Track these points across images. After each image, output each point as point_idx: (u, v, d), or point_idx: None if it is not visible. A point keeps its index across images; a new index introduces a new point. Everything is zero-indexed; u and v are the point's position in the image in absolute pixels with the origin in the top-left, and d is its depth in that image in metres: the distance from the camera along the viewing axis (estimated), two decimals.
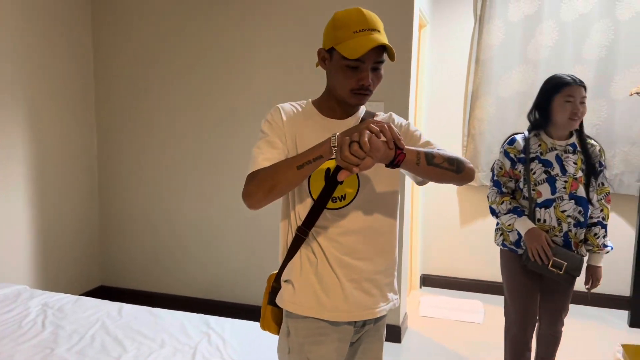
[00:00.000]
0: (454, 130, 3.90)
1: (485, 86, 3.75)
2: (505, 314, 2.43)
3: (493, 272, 3.93)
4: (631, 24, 3.46)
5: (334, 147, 1.19)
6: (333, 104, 1.43)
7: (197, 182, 3.37)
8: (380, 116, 1.51)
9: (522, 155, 2.25)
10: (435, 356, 2.97)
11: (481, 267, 3.98)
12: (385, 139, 1.17)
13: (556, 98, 2.19)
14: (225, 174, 3.31)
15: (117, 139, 3.50)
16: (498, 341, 3.15)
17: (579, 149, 2.25)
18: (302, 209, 1.39)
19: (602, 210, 2.27)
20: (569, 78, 2.21)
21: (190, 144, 3.36)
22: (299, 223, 1.40)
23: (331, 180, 1.37)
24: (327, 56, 1.38)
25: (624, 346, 2.46)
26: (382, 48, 1.32)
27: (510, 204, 2.26)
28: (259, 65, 3.18)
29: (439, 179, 1.34)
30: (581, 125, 2.27)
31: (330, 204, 1.38)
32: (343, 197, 1.38)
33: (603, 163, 2.26)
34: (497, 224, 2.39)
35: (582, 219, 2.23)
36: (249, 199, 1.27)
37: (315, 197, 1.38)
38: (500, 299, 3.86)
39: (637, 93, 3.09)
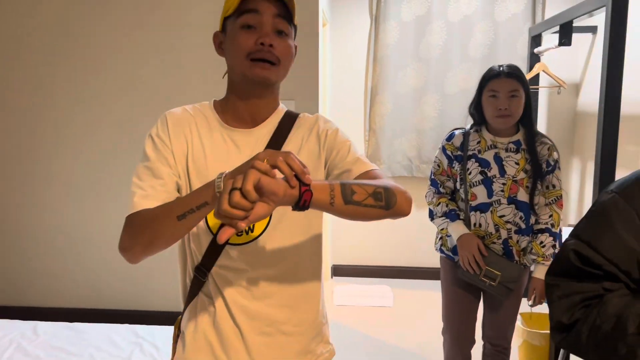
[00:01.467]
0: (356, 126, 4.09)
1: (383, 83, 3.96)
2: (443, 329, 2.22)
3: (399, 257, 4.19)
4: (507, 25, 3.84)
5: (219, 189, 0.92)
6: (238, 104, 1.14)
7: (105, 185, 3.23)
8: (303, 118, 1.21)
9: (460, 153, 2.03)
10: (353, 342, 3.13)
11: (388, 254, 4.22)
12: (284, 174, 0.86)
13: (483, 93, 1.98)
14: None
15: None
16: (408, 322, 3.39)
17: (524, 147, 1.99)
18: (199, 245, 1.12)
19: (551, 216, 2.02)
20: (495, 69, 1.97)
21: (88, 149, 3.21)
22: (197, 261, 1.13)
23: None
24: (222, 36, 1.14)
25: (522, 314, 2.75)
26: (283, 7, 1.08)
27: (447, 206, 2.06)
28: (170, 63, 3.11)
29: (363, 218, 0.99)
30: (530, 119, 2.03)
31: (233, 238, 1.10)
32: (251, 229, 1.11)
33: (553, 163, 2.01)
34: None
35: (524, 225, 2.00)
36: (124, 253, 1.02)
37: (214, 230, 1.10)
38: (408, 282, 4.15)
39: None
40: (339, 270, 4.28)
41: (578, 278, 0.99)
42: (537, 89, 3.51)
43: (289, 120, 1.19)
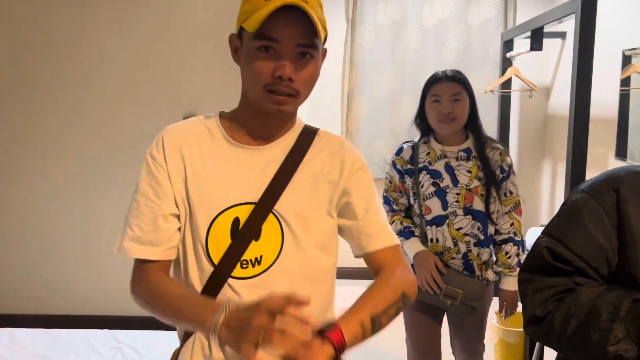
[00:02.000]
0: (334, 129, 4.12)
1: (360, 86, 4.01)
2: (408, 353, 2.13)
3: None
4: (480, 30, 3.92)
5: (214, 336, 0.82)
6: (248, 119, 1.04)
7: (83, 191, 3.19)
8: (324, 136, 1.10)
9: (410, 166, 1.96)
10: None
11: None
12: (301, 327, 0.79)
13: (427, 99, 1.93)
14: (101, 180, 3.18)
15: None
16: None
17: (474, 154, 1.91)
18: (197, 277, 1.01)
19: (512, 224, 1.94)
20: (437, 73, 1.94)
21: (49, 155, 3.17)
22: None
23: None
24: (239, 43, 1.02)
25: (497, 312, 2.81)
26: (309, 26, 0.95)
27: (401, 223, 1.97)
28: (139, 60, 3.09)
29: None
30: (477, 125, 1.96)
31: (237, 271, 0.99)
32: (258, 261, 0.99)
33: (507, 168, 1.94)
34: None
35: (482, 237, 1.91)
36: (136, 300, 1.02)
37: (215, 260, 0.99)
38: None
39: (491, 91, 3.52)
40: (340, 273, 4.30)
41: (550, 274, 1.04)
42: (510, 92, 3.60)
43: (307, 137, 1.08)
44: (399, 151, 2.02)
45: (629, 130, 2.70)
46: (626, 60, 2.71)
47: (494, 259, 1.97)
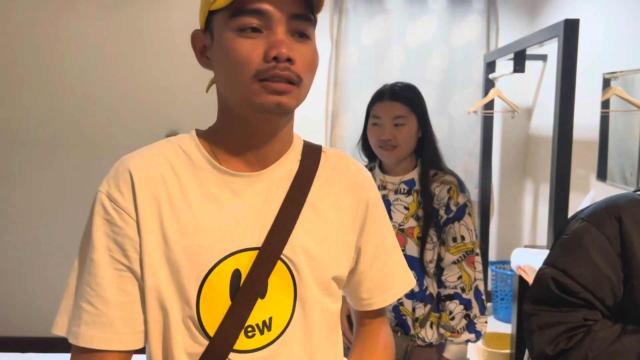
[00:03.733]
0: None
1: (344, 106, 4.01)
2: None
3: None
4: (463, 51, 3.97)
5: None
6: (235, 136, 0.81)
7: (50, 209, 3.12)
8: (331, 156, 0.91)
9: None
10: None
11: None
12: None
13: (369, 120, 1.64)
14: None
15: None
16: None
17: (417, 187, 1.60)
18: (184, 357, 0.77)
19: (460, 277, 1.57)
20: (381, 90, 1.63)
21: None
22: None
23: (239, 305, 0.76)
24: (207, 39, 0.80)
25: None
26: None
27: None
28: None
29: None
30: (428, 152, 1.64)
31: (242, 342, 0.77)
32: (267, 325, 0.78)
33: (454, 208, 1.58)
34: None
35: (416, 289, 1.57)
36: None
37: (211, 331, 0.76)
38: None
39: (474, 112, 3.55)
40: None
41: (556, 306, 1.02)
42: (492, 113, 3.64)
43: (312, 156, 0.88)
44: None
45: (609, 152, 2.74)
46: (606, 84, 2.75)
47: (439, 317, 1.61)
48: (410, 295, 1.59)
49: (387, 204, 1.60)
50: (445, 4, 3.90)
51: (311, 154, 0.87)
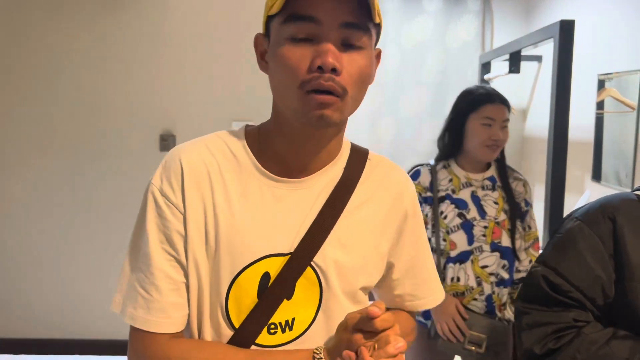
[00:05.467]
0: None
1: None
2: None
3: None
4: (458, 52, 3.97)
5: None
6: (283, 142, 0.83)
7: (48, 208, 3.09)
8: (378, 164, 0.92)
9: (429, 194, 1.72)
10: None
11: None
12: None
13: (472, 118, 1.75)
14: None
15: None
16: None
17: (499, 184, 1.76)
18: (214, 335, 0.84)
19: (530, 261, 1.76)
20: (490, 93, 1.76)
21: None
22: None
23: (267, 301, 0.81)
24: (266, 43, 0.81)
25: None
26: (357, 2, 0.74)
27: None
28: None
29: None
30: (502, 153, 1.83)
31: (264, 337, 0.82)
32: (289, 325, 0.83)
33: (530, 201, 1.81)
34: None
35: (506, 276, 1.73)
36: None
37: (236, 323, 0.82)
38: None
39: None
40: None
41: (547, 304, 1.02)
42: None
43: (357, 165, 0.89)
44: (416, 175, 1.78)
45: (604, 153, 2.74)
46: (601, 85, 2.76)
47: (509, 298, 1.77)
48: (500, 282, 1.71)
49: (477, 200, 1.72)
50: (440, 5, 3.90)
51: (356, 162, 0.89)
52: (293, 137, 0.82)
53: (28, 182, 3.00)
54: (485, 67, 3.58)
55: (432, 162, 1.81)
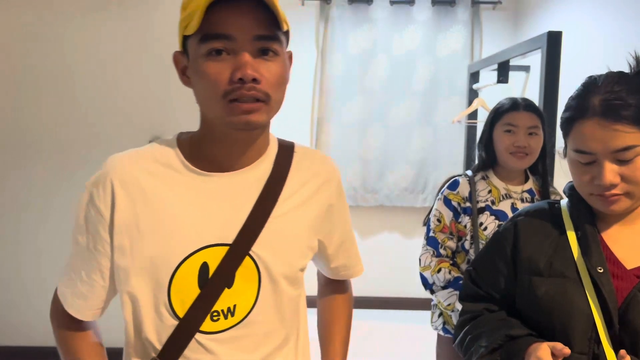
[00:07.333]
0: None
1: (329, 114, 4.02)
2: None
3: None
4: (448, 61, 4.00)
5: None
6: (212, 145, 0.89)
7: (25, 215, 3.07)
8: (304, 154, 0.99)
9: (468, 204, 1.70)
10: None
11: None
12: None
13: (496, 127, 1.75)
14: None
15: None
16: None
17: (537, 197, 1.73)
18: (154, 334, 0.88)
19: None
20: (512, 101, 1.75)
21: None
22: (154, 353, 0.88)
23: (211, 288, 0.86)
24: (185, 60, 0.86)
25: None
26: (266, 14, 0.80)
27: (450, 273, 1.68)
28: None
29: None
30: (545, 166, 1.77)
31: (207, 324, 0.87)
32: (231, 311, 0.88)
33: None
34: (433, 299, 1.76)
35: None
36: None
37: (180, 313, 0.86)
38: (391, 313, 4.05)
39: (458, 121, 3.58)
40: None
41: (475, 299, 1.16)
42: (476, 123, 3.66)
43: (285, 155, 0.95)
44: (454, 185, 1.77)
45: None
46: None
47: None
48: None
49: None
50: (430, 15, 3.94)
51: (284, 156, 0.95)
52: (223, 140, 0.87)
53: (16, 187, 2.98)
54: (474, 77, 3.62)
55: (469, 172, 1.82)
